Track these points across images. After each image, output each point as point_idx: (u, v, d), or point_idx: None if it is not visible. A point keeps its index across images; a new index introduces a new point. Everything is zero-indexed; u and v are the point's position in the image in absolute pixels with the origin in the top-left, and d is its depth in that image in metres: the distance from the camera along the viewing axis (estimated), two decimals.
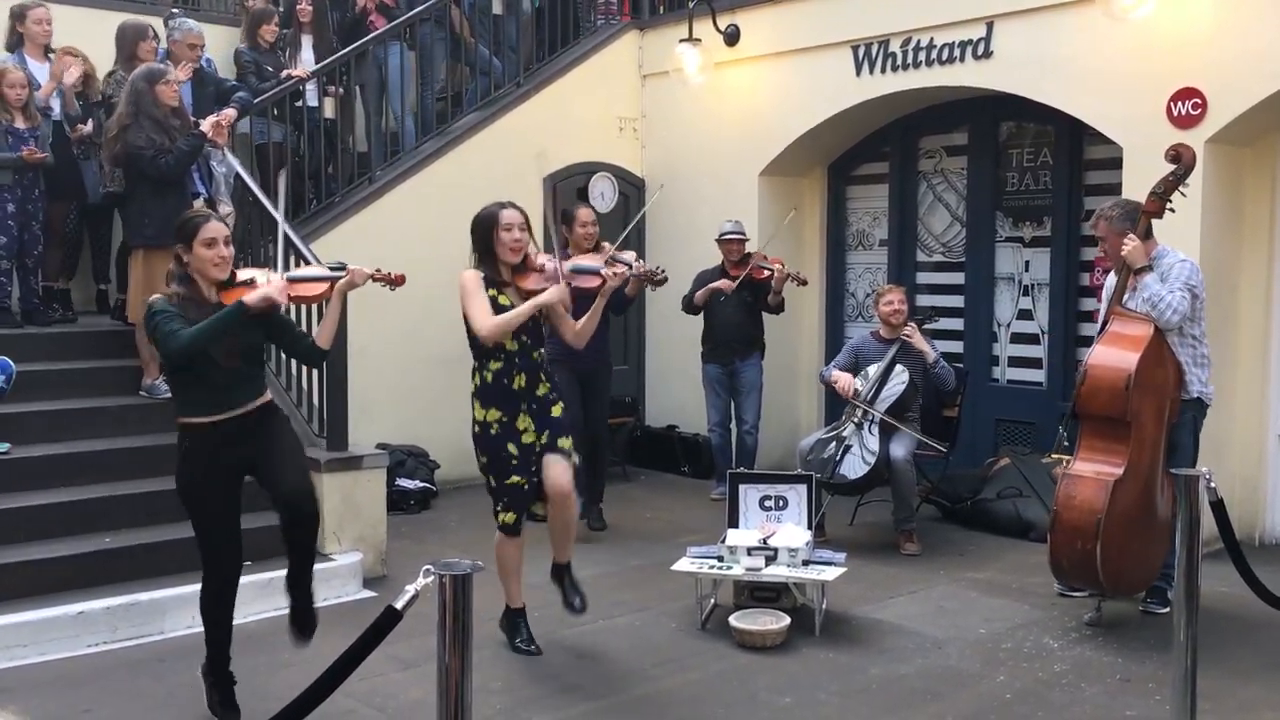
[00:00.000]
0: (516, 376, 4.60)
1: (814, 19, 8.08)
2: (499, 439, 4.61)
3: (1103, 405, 4.96)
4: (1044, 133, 7.57)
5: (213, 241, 3.93)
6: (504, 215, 4.60)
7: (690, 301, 7.67)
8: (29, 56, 7.03)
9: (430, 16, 8.36)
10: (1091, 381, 4.99)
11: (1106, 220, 5.22)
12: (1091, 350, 5.08)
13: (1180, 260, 5.10)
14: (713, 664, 4.77)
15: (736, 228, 7.60)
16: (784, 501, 5.66)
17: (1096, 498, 4.89)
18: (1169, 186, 5.08)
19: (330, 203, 7.90)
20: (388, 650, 3.17)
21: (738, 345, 7.60)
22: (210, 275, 3.96)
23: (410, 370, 7.86)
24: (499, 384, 4.60)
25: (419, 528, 7.08)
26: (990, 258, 7.89)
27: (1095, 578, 4.95)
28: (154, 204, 6.15)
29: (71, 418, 6.01)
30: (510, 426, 4.61)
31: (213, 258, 3.93)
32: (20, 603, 4.91)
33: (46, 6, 7.21)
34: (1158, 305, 4.98)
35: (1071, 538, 4.95)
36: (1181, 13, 6.22)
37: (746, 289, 7.47)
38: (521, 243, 4.61)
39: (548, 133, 8.73)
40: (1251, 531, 6.63)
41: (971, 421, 7.51)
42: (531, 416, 4.64)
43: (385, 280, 4.30)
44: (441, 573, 2.57)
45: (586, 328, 4.80)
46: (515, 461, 4.62)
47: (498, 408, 4.60)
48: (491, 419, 4.61)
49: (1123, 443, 4.96)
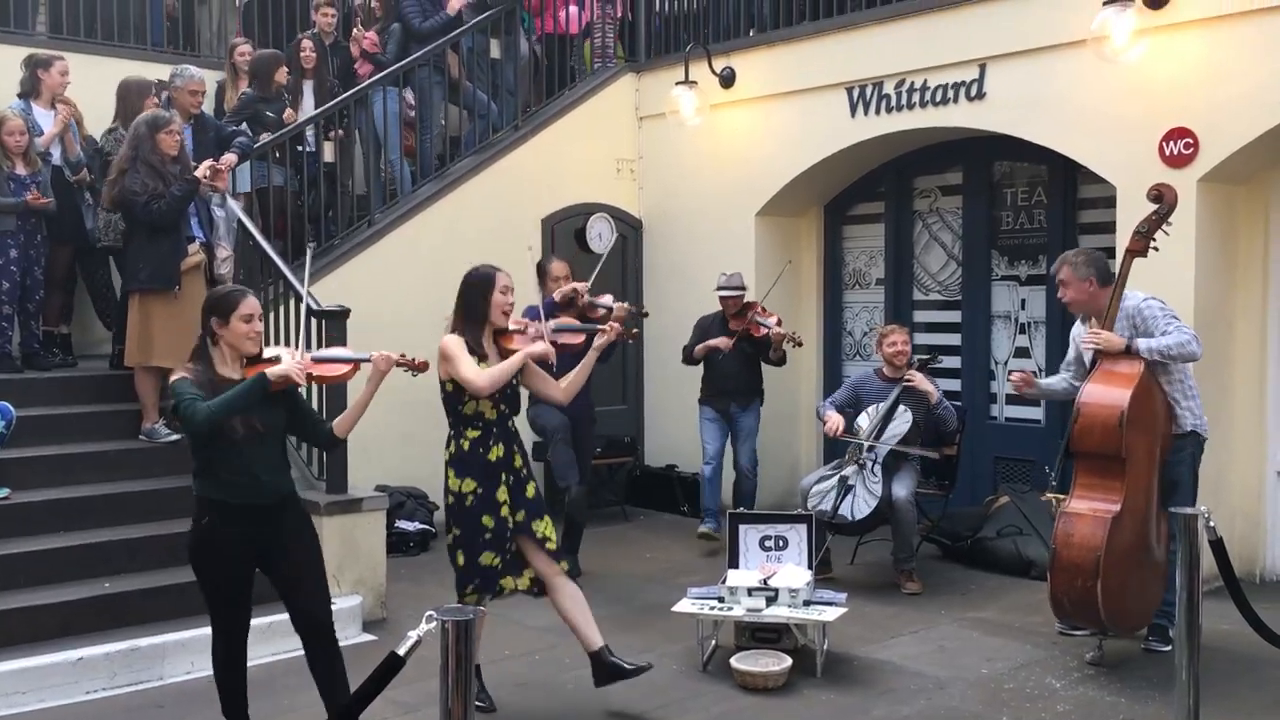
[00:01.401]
0: (494, 447, 4.51)
1: (809, 61, 8.17)
2: (475, 511, 4.45)
3: (1097, 443, 4.98)
4: (1038, 172, 7.64)
5: (250, 317, 3.96)
6: (500, 278, 4.57)
7: (690, 354, 7.67)
8: (35, 105, 7.10)
9: (428, 61, 8.45)
10: (1085, 419, 5.01)
11: (1070, 266, 5.27)
12: (1083, 389, 5.09)
13: (1144, 301, 5.14)
14: (714, 706, 4.75)
15: (732, 282, 7.56)
16: (784, 541, 5.65)
17: (1095, 535, 4.89)
18: (1153, 225, 5.13)
19: (330, 245, 7.95)
20: (389, 694, 3.17)
21: (736, 394, 7.61)
22: (244, 349, 3.98)
23: (409, 412, 7.84)
24: (474, 453, 4.50)
25: (418, 570, 7.06)
26: (987, 296, 7.93)
27: (1096, 616, 4.94)
28: (149, 249, 6.18)
29: (71, 462, 6.01)
30: (488, 498, 4.47)
31: (249, 332, 3.97)
32: (19, 649, 4.89)
33: (65, 58, 7.30)
34: (1171, 352, 5.00)
35: (1072, 576, 4.94)
36: (1173, 54, 6.30)
37: (746, 340, 7.49)
38: (512, 306, 4.61)
39: (545, 174, 8.81)
40: (1252, 568, 6.62)
41: (971, 460, 7.53)
42: (509, 491, 4.53)
43: (409, 366, 4.19)
44: (444, 618, 2.58)
45: (573, 385, 4.76)
46: (489, 535, 4.45)
47: (474, 478, 4.48)
48: (467, 489, 4.47)
49: (1118, 479, 4.97)
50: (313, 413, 4.43)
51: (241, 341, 3.97)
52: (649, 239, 9.38)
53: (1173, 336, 5.02)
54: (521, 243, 8.15)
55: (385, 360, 4.12)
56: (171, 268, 6.15)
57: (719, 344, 7.47)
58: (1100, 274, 5.23)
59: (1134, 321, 5.11)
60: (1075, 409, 5.06)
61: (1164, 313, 5.10)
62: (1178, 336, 5.01)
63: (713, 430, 7.70)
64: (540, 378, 4.70)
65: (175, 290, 6.15)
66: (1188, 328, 5.10)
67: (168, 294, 6.16)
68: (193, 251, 6.28)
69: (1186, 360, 5.08)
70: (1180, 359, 5.05)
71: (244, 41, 8.40)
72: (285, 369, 3.90)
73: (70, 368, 7.09)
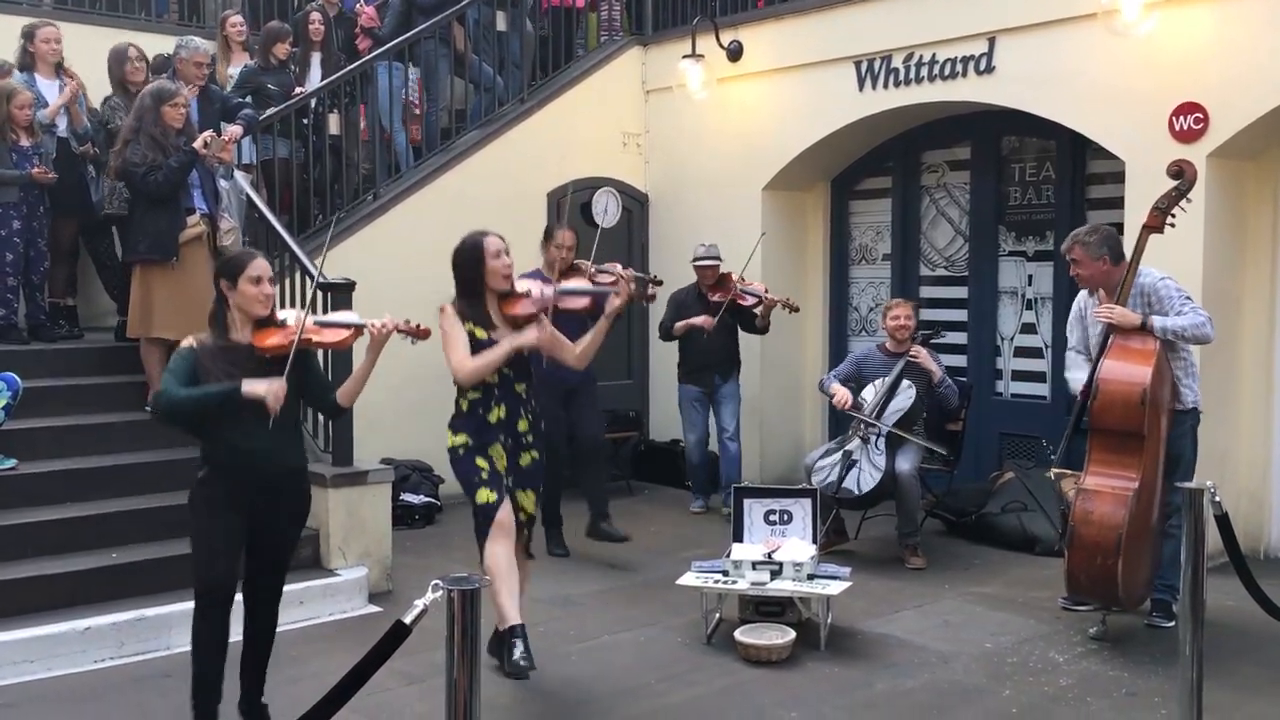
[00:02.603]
0: (495, 408, 4.50)
1: (816, 35, 8.12)
2: (468, 458, 4.49)
3: (1117, 419, 4.95)
4: (1046, 147, 7.60)
5: (259, 279, 3.91)
6: (488, 243, 4.50)
7: (668, 332, 7.69)
8: (39, 75, 7.08)
9: (434, 34, 8.40)
10: (1105, 396, 4.95)
11: (1083, 246, 5.21)
12: (1102, 365, 5.02)
13: (1161, 280, 5.11)
14: (718, 679, 4.77)
15: (709, 251, 7.61)
16: (788, 516, 5.66)
17: (1116, 513, 4.87)
18: (1171, 202, 5.10)
19: (336, 218, 7.94)
20: (394, 665, 3.18)
21: (718, 367, 7.65)
22: (253, 312, 3.93)
23: (414, 385, 7.85)
24: (474, 413, 4.51)
25: (423, 542, 7.08)
26: (993, 272, 7.91)
27: (1114, 592, 4.95)
28: (148, 220, 6.17)
29: (77, 433, 6.03)
30: (480, 447, 4.49)
31: (257, 295, 3.91)
32: (27, 618, 4.92)
33: (55, 26, 7.27)
34: (1186, 334, 4.99)
35: (1091, 554, 4.90)
36: (1183, 28, 6.25)
37: (728, 311, 7.50)
38: (510, 266, 4.53)
39: (551, 148, 8.78)
40: (1256, 545, 6.62)
41: (976, 435, 7.52)
42: (505, 451, 4.54)
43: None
44: (450, 587, 2.58)
45: (589, 349, 4.72)
46: (486, 475, 4.47)
47: (467, 434, 4.51)
48: (459, 442, 4.52)
49: (1135, 455, 4.96)
50: (324, 379, 4.41)
51: (251, 304, 3.92)
52: (655, 213, 9.36)
53: (1188, 318, 5.00)
54: (528, 216, 8.14)
55: (384, 326, 4.02)
56: (170, 239, 6.14)
57: (702, 322, 7.48)
58: (1113, 252, 5.19)
59: (1148, 299, 5.09)
60: (1094, 385, 4.99)
61: (1179, 293, 5.08)
62: (1194, 318, 4.99)
63: (696, 414, 7.77)
64: (554, 339, 4.67)
65: (173, 261, 6.15)
66: (1202, 310, 5.08)
67: (166, 265, 6.16)
68: (192, 223, 6.24)
69: (1200, 343, 5.08)
70: (1194, 341, 5.04)
71: (234, 13, 8.33)
72: (264, 392, 3.78)
73: (76, 339, 7.10)
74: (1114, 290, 5.15)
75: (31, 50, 7.08)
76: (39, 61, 7.10)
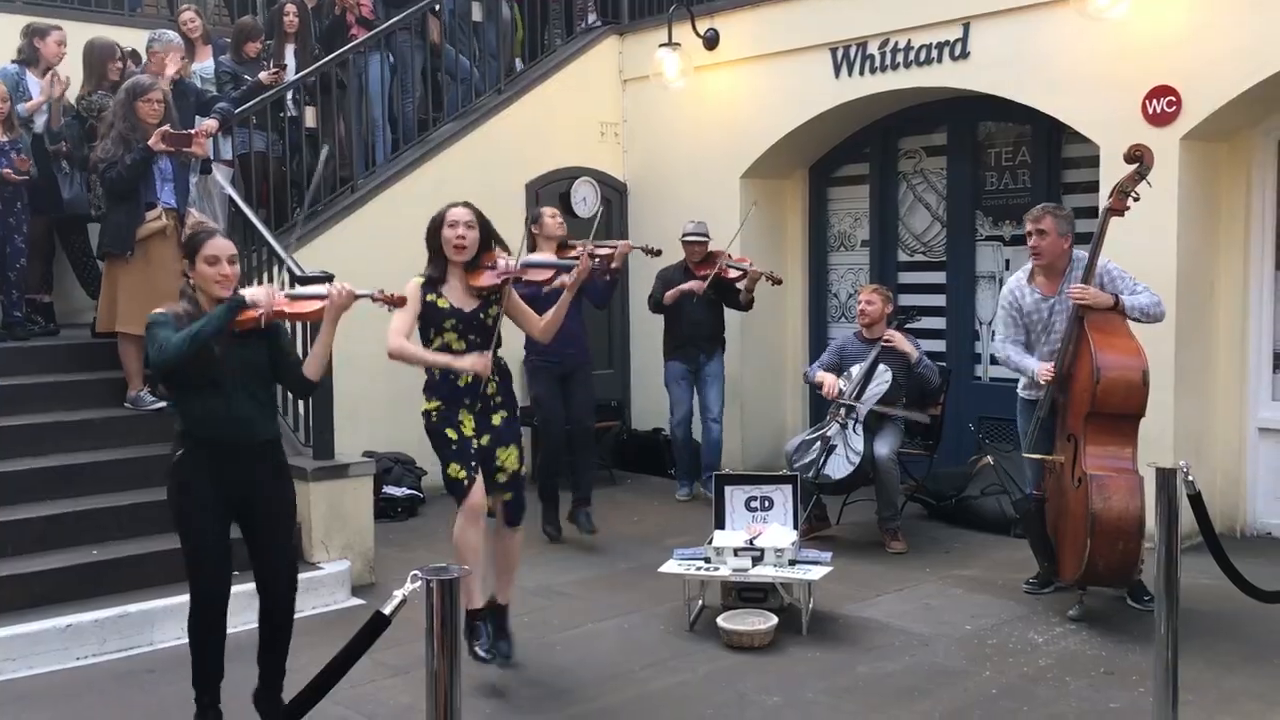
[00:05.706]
0: (464, 374, 4.55)
1: (792, 22, 8.12)
2: (439, 424, 4.57)
3: (1119, 403, 4.99)
4: (1022, 132, 7.62)
5: (215, 259, 3.82)
6: (449, 214, 4.57)
7: (659, 302, 7.72)
8: (29, 72, 7.04)
9: (409, 25, 8.36)
10: (1108, 381, 4.96)
11: (1054, 218, 5.26)
12: (1095, 356, 4.99)
13: (1108, 262, 5.21)
14: (701, 665, 4.79)
15: (699, 229, 7.67)
16: (769, 502, 5.68)
17: (1134, 497, 4.91)
18: (1133, 183, 5.15)
19: (313, 211, 7.90)
20: (376, 657, 3.20)
21: (704, 342, 7.72)
22: (212, 292, 3.83)
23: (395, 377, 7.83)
24: (445, 379, 4.57)
25: (406, 535, 7.08)
26: (971, 256, 7.94)
27: (1130, 576, 5.01)
28: (110, 215, 6.23)
29: (56, 430, 5.99)
30: (449, 416, 4.56)
31: (214, 275, 3.82)
32: (8, 616, 4.90)
33: (63, 29, 7.24)
34: (1150, 312, 5.11)
35: (1114, 539, 4.89)
36: (1156, 12, 6.28)
37: (712, 287, 7.56)
38: (465, 240, 4.52)
39: (529, 139, 8.76)
40: (1233, 524, 6.69)
41: (955, 419, 7.56)
42: (473, 415, 4.59)
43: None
44: (429, 577, 2.59)
45: (552, 322, 4.72)
46: (455, 447, 4.52)
47: (438, 398, 4.58)
48: (431, 407, 4.59)
49: (1129, 436, 5.03)
50: (293, 353, 4.35)
51: (209, 285, 3.83)
52: (634, 202, 9.36)
53: (1147, 296, 5.13)
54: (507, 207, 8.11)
55: (342, 293, 3.91)
56: (128, 233, 6.13)
57: (692, 286, 7.54)
58: (1072, 233, 5.30)
59: (1101, 281, 5.18)
60: (1094, 371, 4.98)
61: (1126, 273, 5.22)
62: (1151, 297, 5.14)
63: (682, 390, 7.81)
64: (520, 311, 4.72)
65: (128, 255, 6.13)
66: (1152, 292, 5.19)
67: (129, 260, 6.14)
68: (152, 217, 6.18)
69: (1157, 320, 5.20)
70: (1153, 319, 5.17)
71: (187, 8, 8.24)
72: (260, 292, 3.82)
73: (53, 335, 7.05)
74: (1058, 274, 5.26)
75: (38, 47, 7.05)
76: (42, 61, 7.06)
